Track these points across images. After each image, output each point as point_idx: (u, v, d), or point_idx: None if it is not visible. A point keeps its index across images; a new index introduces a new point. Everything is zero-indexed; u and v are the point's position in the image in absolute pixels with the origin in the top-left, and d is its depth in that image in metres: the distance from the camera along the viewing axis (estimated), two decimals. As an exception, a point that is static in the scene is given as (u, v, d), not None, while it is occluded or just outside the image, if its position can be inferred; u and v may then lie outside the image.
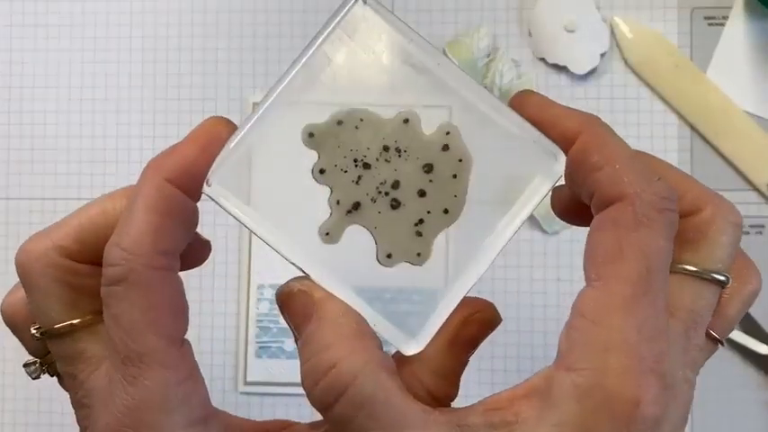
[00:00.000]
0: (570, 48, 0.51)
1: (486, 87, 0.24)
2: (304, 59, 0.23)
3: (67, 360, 0.24)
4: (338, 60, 0.24)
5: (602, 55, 0.51)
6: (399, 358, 0.25)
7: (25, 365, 0.26)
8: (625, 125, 0.51)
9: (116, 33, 0.54)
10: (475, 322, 0.25)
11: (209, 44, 0.53)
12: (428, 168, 0.24)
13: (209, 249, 0.28)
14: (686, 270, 0.22)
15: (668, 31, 0.51)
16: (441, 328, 0.24)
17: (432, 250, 0.24)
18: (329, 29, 0.23)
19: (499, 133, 0.24)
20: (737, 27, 0.51)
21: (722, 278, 0.22)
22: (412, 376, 0.24)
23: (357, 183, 0.23)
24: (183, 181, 0.24)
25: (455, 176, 0.24)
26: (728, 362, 0.50)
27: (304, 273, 0.24)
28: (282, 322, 0.51)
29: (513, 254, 0.51)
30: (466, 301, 0.24)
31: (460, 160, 0.24)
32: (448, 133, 0.23)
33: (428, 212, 0.24)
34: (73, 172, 0.53)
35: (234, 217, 0.24)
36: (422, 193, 0.24)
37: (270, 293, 0.51)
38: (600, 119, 0.23)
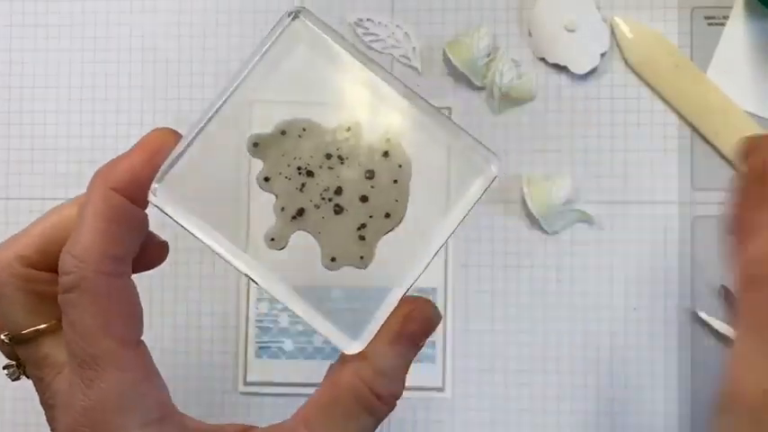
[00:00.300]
0: (570, 48, 0.51)
1: (423, 98, 0.25)
2: (246, 72, 0.24)
3: (34, 364, 0.26)
4: (281, 72, 0.25)
5: (603, 55, 0.51)
6: (343, 357, 0.25)
7: (5, 368, 0.27)
8: (625, 125, 0.51)
9: (116, 33, 0.54)
10: (415, 319, 0.26)
11: (209, 44, 0.53)
12: (370, 174, 0.25)
13: (167, 250, 0.29)
14: None
15: (668, 31, 0.51)
16: (383, 327, 0.25)
17: (374, 253, 0.25)
18: (269, 42, 0.24)
19: (438, 140, 0.25)
20: (737, 27, 0.51)
21: None
22: (354, 375, 0.25)
23: (301, 190, 0.24)
24: (130, 190, 0.25)
25: (396, 182, 0.25)
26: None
27: (251, 279, 0.25)
28: (282, 322, 0.51)
29: (513, 254, 0.51)
30: (406, 300, 0.25)
31: (401, 166, 0.25)
32: (388, 140, 0.25)
33: (370, 217, 0.25)
34: (73, 172, 0.53)
35: (180, 225, 0.24)
36: (364, 199, 0.25)
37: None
38: None
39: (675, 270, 0.50)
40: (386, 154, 0.25)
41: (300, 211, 0.25)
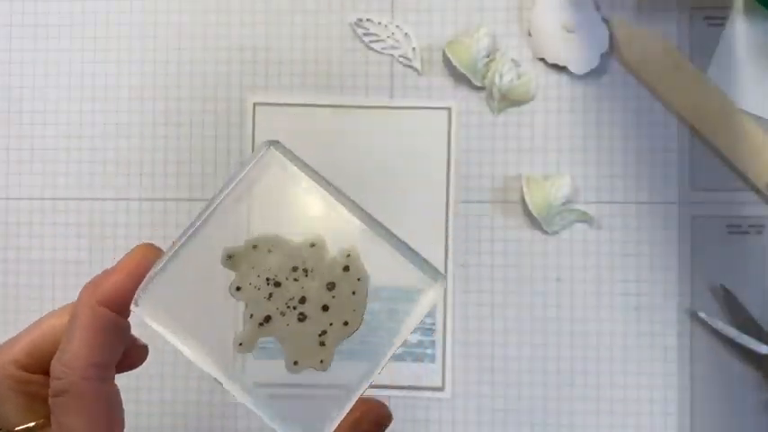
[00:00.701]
0: (570, 48, 0.51)
1: (378, 221, 0.28)
2: (221, 198, 0.27)
3: None
4: (254, 194, 0.27)
5: (603, 55, 0.51)
6: None
7: None
8: (625, 125, 0.51)
9: (116, 33, 0.54)
10: (367, 421, 0.29)
11: (210, 44, 0.53)
12: (331, 286, 0.27)
13: (146, 352, 0.32)
14: None
15: (668, 31, 0.51)
16: (338, 426, 0.27)
17: (333, 358, 0.27)
18: (245, 171, 0.27)
19: (392, 258, 0.28)
20: (737, 27, 0.51)
21: None
22: None
23: (269, 299, 0.27)
24: (114, 302, 0.28)
25: (354, 293, 0.27)
26: (728, 362, 0.50)
27: (218, 382, 0.27)
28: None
29: (513, 254, 0.51)
30: (362, 401, 0.28)
31: (359, 279, 0.27)
32: (348, 256, 0.27)
33: (330, 324, 0.27)
34: (73, 172, 0.53)
35: (158, 333, 0.27)
36: (325, 308, 0.27)
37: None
38: None
39: (675, 270, 0.51)
40: (346, 268, 0.27)
41: (267, 318, 0.27)
